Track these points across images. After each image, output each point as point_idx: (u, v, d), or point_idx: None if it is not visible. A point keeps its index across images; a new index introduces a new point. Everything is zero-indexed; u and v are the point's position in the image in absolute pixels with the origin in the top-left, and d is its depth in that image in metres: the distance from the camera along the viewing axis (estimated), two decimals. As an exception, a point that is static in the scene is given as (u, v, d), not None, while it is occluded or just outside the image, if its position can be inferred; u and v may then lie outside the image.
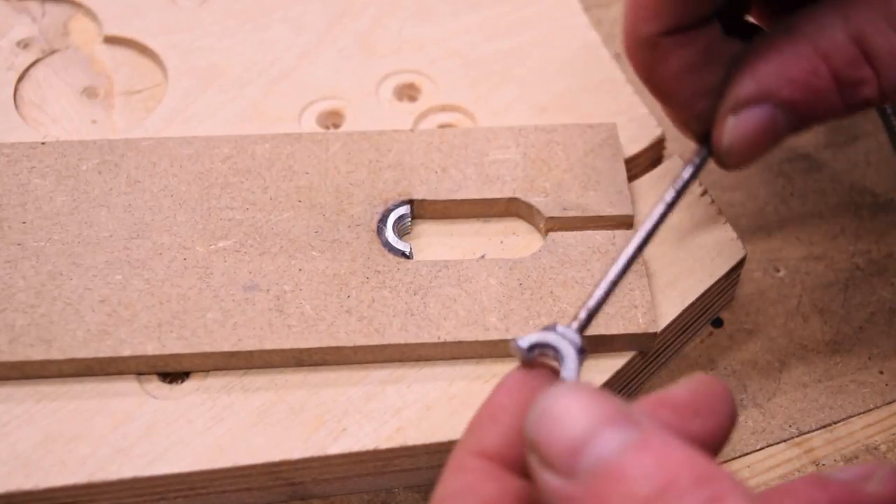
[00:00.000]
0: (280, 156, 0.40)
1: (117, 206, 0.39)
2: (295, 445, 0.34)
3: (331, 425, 0.35)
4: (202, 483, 0.34)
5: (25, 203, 0.39)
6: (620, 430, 0.23)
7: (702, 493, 0.22)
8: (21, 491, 0.33)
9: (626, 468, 0.23)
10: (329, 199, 0.39)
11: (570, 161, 0.41)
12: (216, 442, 0.34)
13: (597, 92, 0.45)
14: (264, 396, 0.35)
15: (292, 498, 0.36)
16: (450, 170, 0.40)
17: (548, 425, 0.24)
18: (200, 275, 0.37)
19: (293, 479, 0.35)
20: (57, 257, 0.37)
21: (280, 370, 0.36)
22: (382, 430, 0.35)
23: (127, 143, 0.41)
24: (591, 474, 0.23)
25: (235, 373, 0.36)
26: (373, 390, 0.36)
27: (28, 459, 0.34)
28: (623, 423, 0.24)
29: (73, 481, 0.33)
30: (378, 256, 0.38)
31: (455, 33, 0.47)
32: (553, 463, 0.24)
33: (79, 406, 0.35)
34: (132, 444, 0.34)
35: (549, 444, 0.24)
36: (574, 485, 0.23)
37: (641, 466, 0.23)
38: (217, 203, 0.39)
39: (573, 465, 0.24)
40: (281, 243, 0.38)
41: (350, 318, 0.36)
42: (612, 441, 0.23)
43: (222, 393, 0.36)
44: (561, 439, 0.24)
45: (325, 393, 0.36)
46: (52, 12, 0.48)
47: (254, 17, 0.47)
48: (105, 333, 0.35)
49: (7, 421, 0.35)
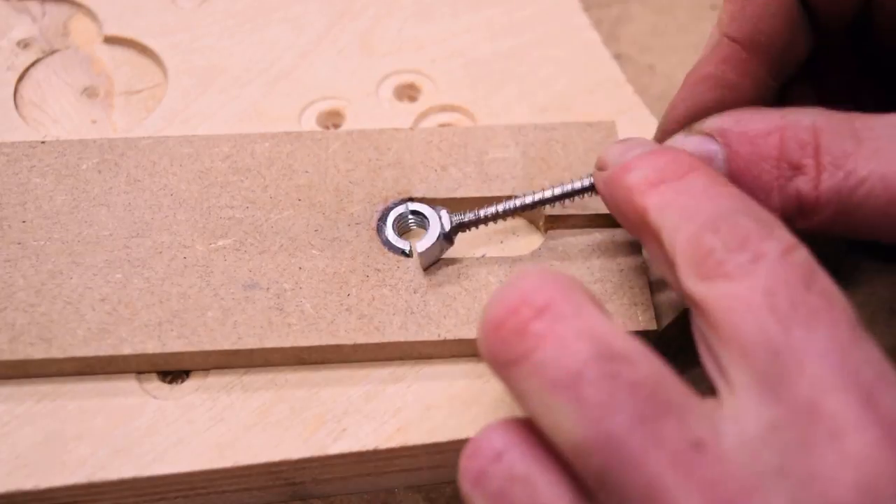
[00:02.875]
0: (280, 154, 0.40)
1: (117, 205, 0.39)
2: (295, 445, 0.34)
3: (331, 425, 0.35)
4: (202, 483, 0.34)
5: (25, 202, 0.39)
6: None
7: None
8: (21, 491, 0.33)
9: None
10: (329, 198, 0.39)
11: (569, 159, 0.41)
12: (216, 442, 0.34)
13: (597, 92, 0.45)
14: (264, 396, 0.35)
15: (292, 498, 0.36)
16: (449, 168, 0.40)
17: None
18: (200, 273, 0.37)
19: (293, 479, 0.35)
20: (57, 256, 0.37)
21: (280, 370, 0.36)
22: (382, 430, 0.35)
23: (127, 142, 0.41)
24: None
25: (236, 372, 0.36)
26: (373, 390, 0.36)
27: (28, 459, 0.34)
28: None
29: (73, 481, 0.33)
30: (378, 255, 0.38)
31: (455, 33, 0.47)
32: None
33: (79, 406, 0.35)
34: (132, 444, 0.34)
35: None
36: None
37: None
38: (217, 202, 0.39)
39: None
40: (281, 242, 0.38)
41: (350, 317, 0.36)
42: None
43: (222, 393, 0.36)
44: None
45: (325, 393, 0.36)
46: (52, 12, 0.48)
47: (254, 17, 0.47)
48: (105, 332, 0.35)
49: (7, 421, 0.35)
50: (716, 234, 0.28)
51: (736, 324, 0.26)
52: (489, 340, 0.27)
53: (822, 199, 0.32)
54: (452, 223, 0.38)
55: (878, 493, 0.23)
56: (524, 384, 0.26)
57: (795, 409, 0.24)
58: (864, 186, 0.31)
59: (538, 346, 0.26)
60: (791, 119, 0.33)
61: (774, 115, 0.33)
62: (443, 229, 0.38)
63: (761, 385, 0.25)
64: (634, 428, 0.24)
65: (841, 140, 0.32)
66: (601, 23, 0.51)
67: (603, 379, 0.25)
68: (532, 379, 0.26)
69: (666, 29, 0.51)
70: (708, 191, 0.30)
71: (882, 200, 0.31)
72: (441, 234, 0.37)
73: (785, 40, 0.34)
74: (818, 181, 0.32)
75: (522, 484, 0.26)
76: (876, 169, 0.31)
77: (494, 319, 0.27)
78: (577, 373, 0.25)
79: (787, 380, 0.25)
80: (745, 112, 0.34)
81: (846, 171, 0.31)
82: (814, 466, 0.23)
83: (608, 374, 0.25)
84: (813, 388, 0.24)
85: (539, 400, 0.26)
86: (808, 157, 0.32)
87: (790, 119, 0.33)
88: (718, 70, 0.34)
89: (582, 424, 0.25)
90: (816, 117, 0.32)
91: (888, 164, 0.31)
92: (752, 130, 0.33)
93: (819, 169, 0.32)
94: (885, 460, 0.23)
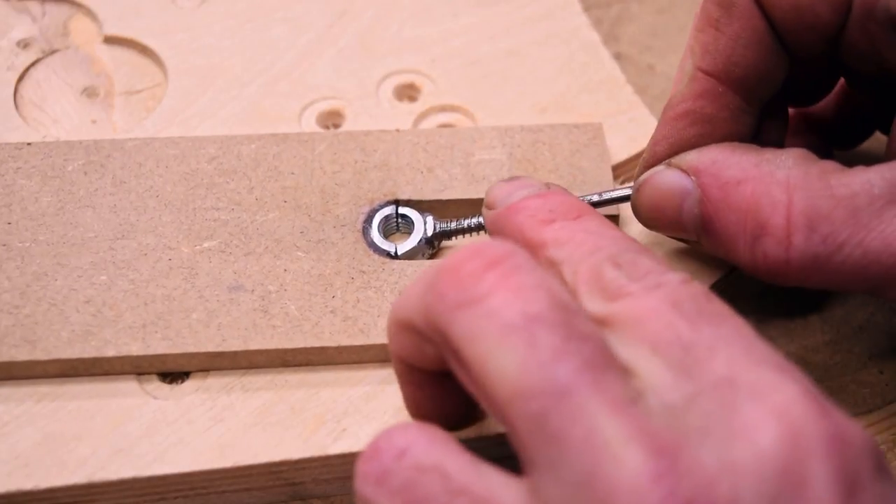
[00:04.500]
0: (266, 156, 0.40)
1: (103, 207, 0.39)
2: (295, 445, 0.34)
3: (331, 425, 0.35)
4: (202, 483, 0.34)
5: (10, 204, 0.39)
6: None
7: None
8: (21, 491, 0.33)
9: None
10: (314, 200, 0.39)
11: (555, 161, 0.41)
12: (216, 442, 0.34)
13: (597, 92, 0.45)
14: (264, 396, 0.35)
15: (292, 498, 0.36)
16: (435, 170, 0.40)
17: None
18: (185, 275, 0.37)
19: (293, 479, 0.35)
20: (42, 258, 0.37)
21: (280, 370, 0.36)
22: (382, 430, 0.35)
23: (112, 144, 0.41)
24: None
25: (235, 373, 0.36)
26: (373, 390, 0.36)
27: (28, 459, 0.34)
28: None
29: (73, 481, 0.33)
30: (363, 256, 0.38)
31: (455, 33, 0.47)
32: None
33: (79, 406, 0.35)
34: (132, 444, 0.34)
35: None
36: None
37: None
38: (202, 203, 0.39)
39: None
40: (266, 244, 0.38)
41: (335, 319, 0.36)
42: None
43: (222, 393, 0.36)
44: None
45: (325, 393, 0.36)
46: (52, 12, 0.48)
47: (254, 17, 0.47)
48: (90, 334, 0.35)
49: (7, 421, 0.35)
50: (618, 269, 0.28)
51: (645, 328, 0.26)
52: (441, 282, 0.27)
53: (793, 263, 0.32)
54: (436, 230, 0.39)
55: (802, 437, 0.23)
56: (472, 327, 0.26)
57: (713, 383, 0.24)
58: (841, 252, 0.31)
59: (495, 290, 0.26)
60: (765, 170, 0.32)
61: (750, 159, 0.33)
62: (425, 234, 0.38)
63: (675, 370, 0.25)
64: (582, 375, 0.24)
65: (816, 199, 0.31)
66: (601, 23, 0.51)
67: (558, 325, 0.25)
68: (483, 321, 0.26)
69: (666, 29, 0.51)
70: (603, 232, 0.30)
71: (859, 265, 0.31)
72: (423, 238, 0.38)
73: (760, 70, 0.34)
74: (788, 244, 0.31)
75: (432, 473, 0.26)
76: (854, 234, 0.31)
77: (450, 264, 0.27)
78: (533, 316, 0.25)
79: (701, 364, 0.25)
80: (723, 152, 0.33)
81: (822, 234, 0.31)
82: (737, 423, 0.23)
83: (563, 322, 0.25)
84: (728, 366, 0.25)
85: (485, 344, 0.25)
86: (778, 217, 0.31)
87: (764, 170, 0.32)
88: (696, 105, 0.34)
89: (529, 368, 0.25)
90: (791, 170, 0.32)
91: (866, 228, 0.31)
92: (724, 176, 0.33)
93: (790, 230, 0.31)
94: (806, 408, 0.23)
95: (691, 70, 0.34)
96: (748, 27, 0.33)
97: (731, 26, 0.33)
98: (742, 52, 0.33)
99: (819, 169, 0.32)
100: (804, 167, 0.32)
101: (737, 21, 0.33)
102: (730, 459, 0.23)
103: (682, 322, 0.26)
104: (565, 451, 0.24)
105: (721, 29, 0.33)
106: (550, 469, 0.24)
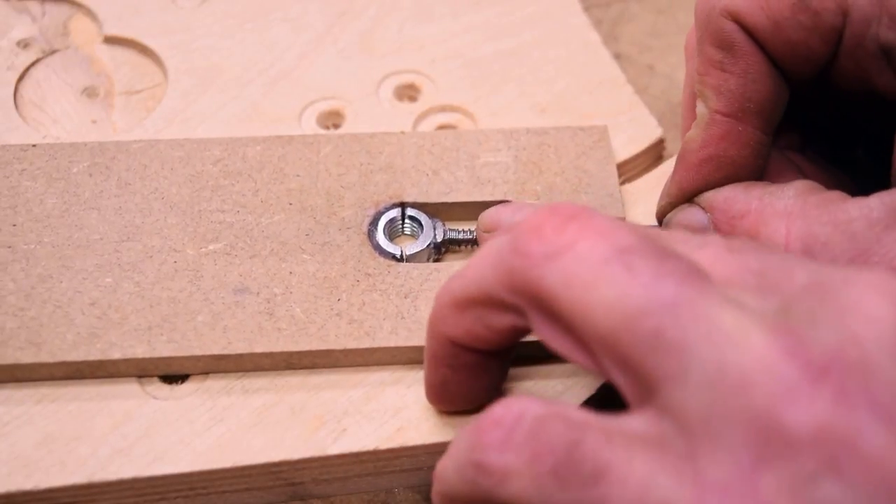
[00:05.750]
0: (271, 158, 0.40)
1: (108, 209, 0.39)
2: (295, 445, 0.34)
3: (331, 425, 0.35)
4: (202, 483, 0.34)
5: (16, 205, 0.39)
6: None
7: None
8: (21, 491, 0.33)
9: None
10: (320, 202, 0.39)
11: (561, 164, 0.41)
12: (216, 442, 0.34)
13: (597, 92, 0.45)
14: (264, 397, 0.35)
15: (292, 498, 0.36)
16: (441, 172, 0.40)
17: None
18: (191, 277, 0.37)
19: (293, 479, 0.35)
20: (47, 260, 0.37)
21: (280, 371, 0.36)
22: (382, 430, 0.35)
23: (118, 146, 0.41)
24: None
25: (235, 373, 0.36)
26: (373, 391, 0.36)
27: (28, 459, 0.34)
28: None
29: (73, 481, 0.33)
30: (369, 259, 0.38)
31: (455, 33, 0.47)
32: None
33: (79, 406, 0.35)
34: (132, 445, 0.34)
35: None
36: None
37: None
38: (208, 206, 0.39)
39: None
40: (271, 246, 0.38)
41: (340, 322, 0.36)
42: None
43: (222, 393, 0.36)
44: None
45: (324, 393, 0.36)
46: (52, 12, 0.48)
47: (254, 17, 0.47)
48: (95, 336, 0.35)
49: (7, 421, 0.35)
50: (661, 240, 0.29)
51: (713, 273, 0.27)
52: (524, 243, 0.27)
53: None
54: (446, 236, 0.39)
55: None
56: (566, 272, 0.26)
57: (802, 288, 0.26)
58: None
59: (581, 236, 0.27)
60: (766, 202, 0.34)
61: (756, 193, 0.34)
62: (434, 239, 0.39)
63: (760, 291, 0.26)
64: (686, 285, 0.25)
65: (814, 226, 0.32)
66: (601, 23, 0.51)
67: (650, 251, 0.26)
68: (576, 264, 0.26)
69: (666, 29, 0.51)
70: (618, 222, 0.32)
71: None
72: (432, 243, 0.39)
73: (773, 101, 0.35)
74: None
75: (554, 419, 0.26)
76: (853, 259, 0.31)
77: (528, 226, 0.27)
78: (625, 248, 0.26)
79: (781, 282, 0.26)
80: (735, 189, 0.35)
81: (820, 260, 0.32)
82: (842, 305, 0.24)
83: (654, 248, 0.26)
84: (809, 275, 0.26)
85: (583, 284, 0.26)
86: (776, 245, 0.33)
87: (765, 202, 0.34)
88: (720, 149, 0.35)
89: (634, 291, 0.25)
90: (790, 200, 0.33)
91: (865, 253, 0.31)
92: (731, 211, 0.34)
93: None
94: None
95: (707, 114, 0.35)
96: (753, 63, 0.34)
97: (737, 65, 0.34)
98: (753, 87, 0.34)
99: (819, 198, 0.33)
100: (804, 197, 0.33)
101: (741, 59, 0.34)
102: (849, 333, 0.24)
103: (745, 257, 0.27)
104: (690, 356, 0.24)
105: (727, 69, 0.34)
106: (677, 381, 0.24)
